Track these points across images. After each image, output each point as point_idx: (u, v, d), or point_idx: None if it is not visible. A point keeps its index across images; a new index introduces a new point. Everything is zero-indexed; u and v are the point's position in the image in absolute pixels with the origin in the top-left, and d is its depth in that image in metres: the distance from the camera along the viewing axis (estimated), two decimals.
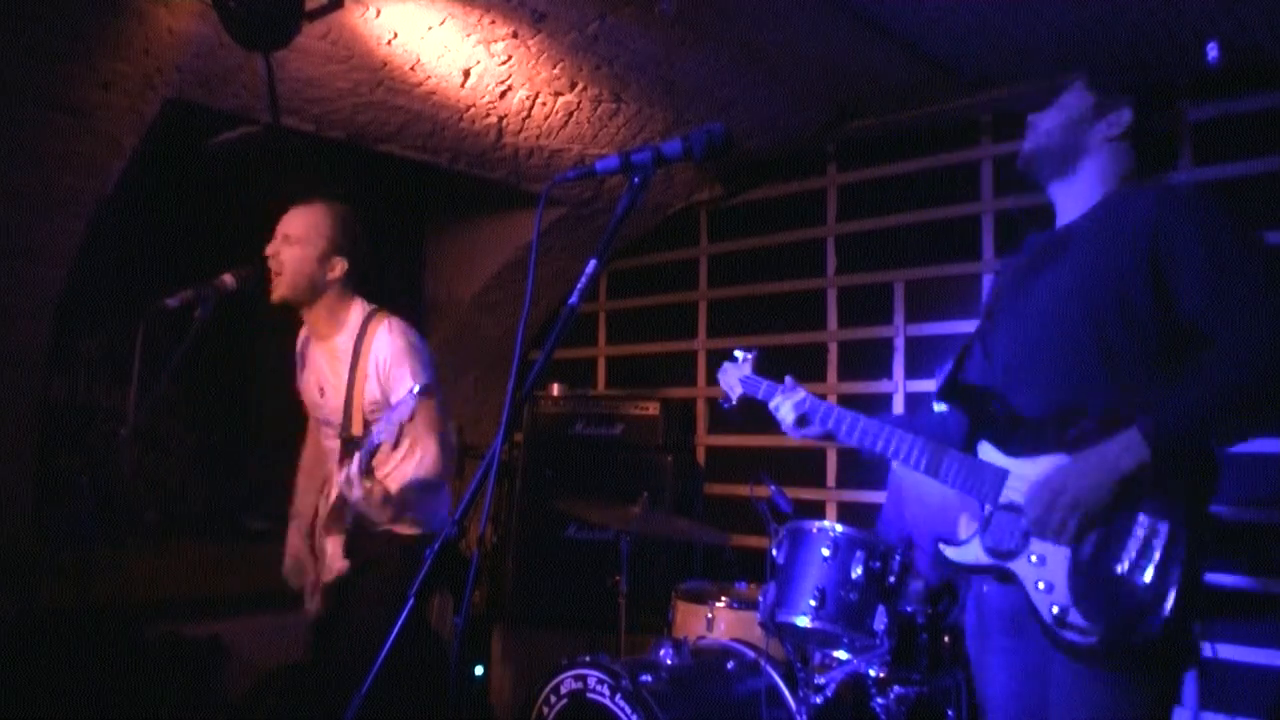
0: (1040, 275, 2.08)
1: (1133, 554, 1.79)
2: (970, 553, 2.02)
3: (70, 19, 3.02)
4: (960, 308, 4.15)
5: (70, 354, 4.12)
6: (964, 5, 3.19)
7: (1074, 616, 1.82)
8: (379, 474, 2.86)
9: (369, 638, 2.76)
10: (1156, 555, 1.77)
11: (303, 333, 3.13)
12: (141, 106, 3.38)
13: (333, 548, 2.87)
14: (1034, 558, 1.91)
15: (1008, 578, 1.96)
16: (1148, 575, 1.77)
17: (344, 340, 2.96)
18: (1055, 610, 1.84)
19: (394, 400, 2.75)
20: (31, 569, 3.71)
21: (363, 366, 2.88)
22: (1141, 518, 1.80)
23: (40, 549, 3.80)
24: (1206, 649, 1.92)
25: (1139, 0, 3.07)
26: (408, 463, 2.91)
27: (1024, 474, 1.95)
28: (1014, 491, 1.96)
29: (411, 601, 1.47)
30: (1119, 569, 1.80)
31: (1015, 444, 2.00)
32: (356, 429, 2.88)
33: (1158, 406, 1.80)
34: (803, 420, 2.35)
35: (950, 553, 2.06)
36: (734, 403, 2.64)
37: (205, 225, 4.24)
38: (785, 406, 2.38)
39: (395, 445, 2.91)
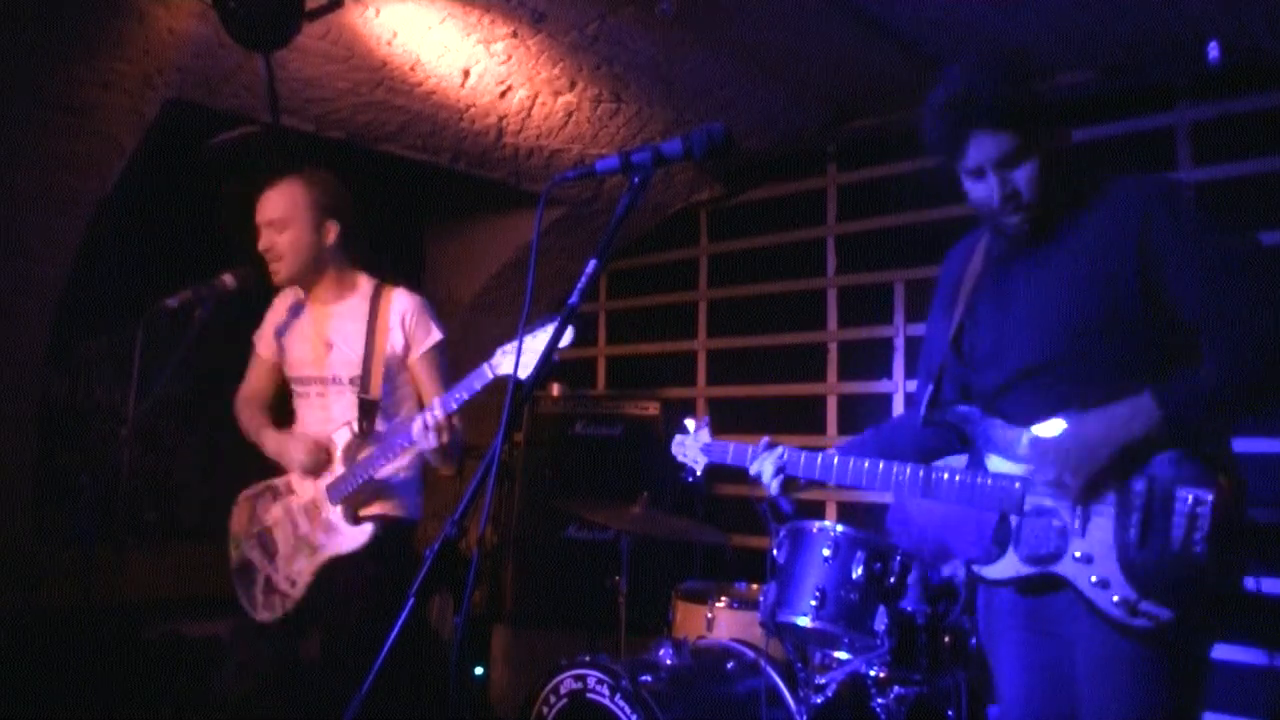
0: (1024, 277, 2.03)
1: (1182, 529, 1.78)
2: (1008, 566, 1.98)
3: (70, 19, 3.02)
4: None
5: (70, 354, 4.12)
6: (964, 5, 3.19)
7: (1146, 605, 1.79)
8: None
9: (355, 629, 2.73)
10: (1206, 525, 1.77)
11: (291, 296, 3.05)
12: (141, 106, 3.38)
13: (340, 514, 2.81)
14: (1078, 554, 1.87)
15: (1055, 583, 1.92)
16: (1204, 547, 1.76)
17: (357, 301, 2.93)
18: (1116, 600, 1.81)
19: (416, 349, 2.87)
20: (31, 569, 3.71)
21: (383, 320, 2.87)
22: (1181, 491, 1.79)
23: (40, 549, 3.80)
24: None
25: (1139, 0, 3.07)
26: (394, 395, 2.91)
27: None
28: (1038, 496, 1.93)
29: (411, 601, 1.47)
30: (1172, 547, 1.78)
31: (1021, 453, 1.97)
32: (375, 385, 2.83)
33: (1165, 387, 1.81)
34: (791, 483, 2.29)
35: (987, 571, 2.01)
36: (700, 475, 2.58)
37: (205, 225, 4.25)
38: (768, 467, 2.30)
39: (398, 407, 2.91)
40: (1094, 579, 1.85)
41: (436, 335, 2.91)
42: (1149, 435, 1.80)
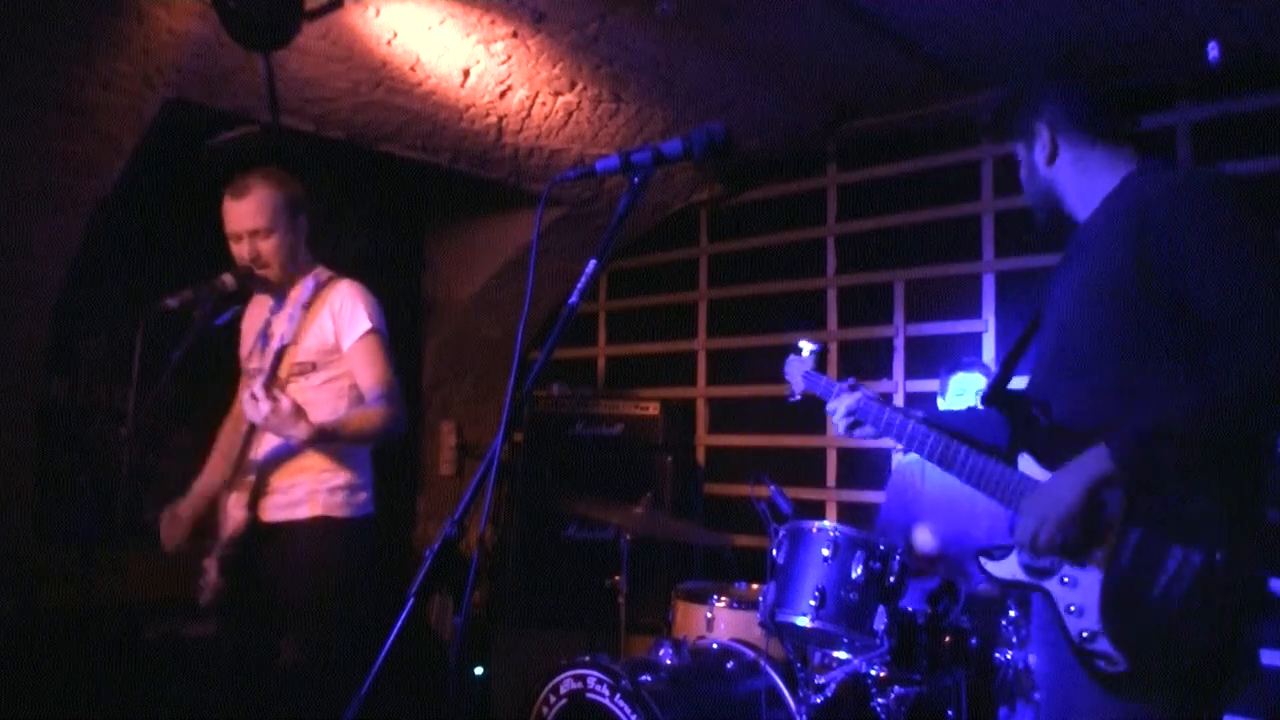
0: (1059, 279, 2.05)
1: (1165, 581, 1.74)
2: (1008, 568, 1.99)
3: (70, 19, 3.02)
4: (960, 308, 4.15)
5: (70, 354, 4.12)
6: (964, 5, 3.19)
7: (1101, 644, 1.78)
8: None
9: (307, 626, 2.75)
10: (1189, 582, 1.72)
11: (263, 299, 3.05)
12: (141, 106, 3.38)
13: (235, 499, 2.78)
14: (1065, 579, 1.87)
15: (1043, 595, 1.93)
16: (1181, 603, 1.72)
17: (303, 289, 2.92)
18: (1083, 634, 1.81)
19: (346, 338, 2.76)
20: (31, 569, 3.71)
21: (316, 308, 2.85)
22: (1174, 548, 1.74)
23: (40, 549, 3.80)
24: None
25: (1139, 0, 3.07)
26: (328, 389, 2.83)
27: None
28: None
29: (411, 601, 1.47)
30: (1152, 595, 1.75)
31: (1054, 458, 1.94)
32: (282, 374, 2.79)
33: (1138, 413, 1.76)
34: (856, 423, 2.32)
35: (991, 567, 2.02)
36: (798, 397, 2.64)
37: (205, 225, 4.24)
38: (840, 408, 2.34)
39: (336, 400, 2.84)
40: (1071, 607, 1.84)
41: (364, 324, 2.81)
42: (1102, 483, 1.77)
